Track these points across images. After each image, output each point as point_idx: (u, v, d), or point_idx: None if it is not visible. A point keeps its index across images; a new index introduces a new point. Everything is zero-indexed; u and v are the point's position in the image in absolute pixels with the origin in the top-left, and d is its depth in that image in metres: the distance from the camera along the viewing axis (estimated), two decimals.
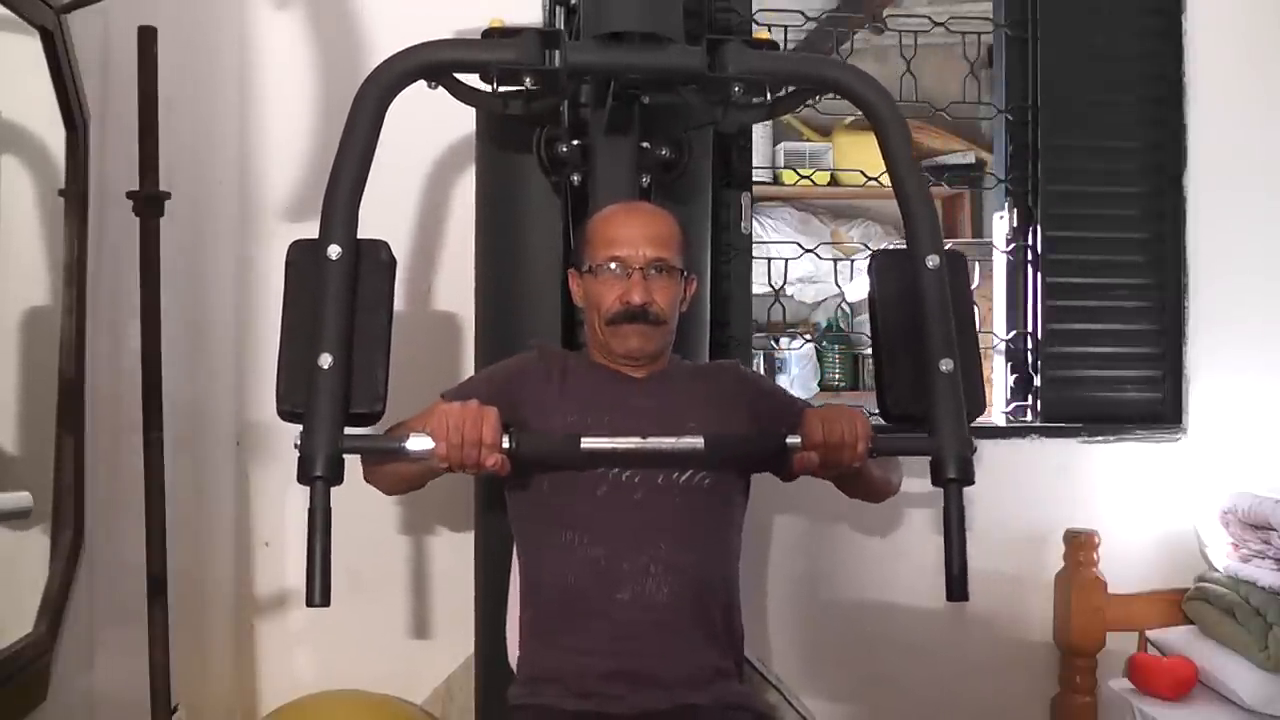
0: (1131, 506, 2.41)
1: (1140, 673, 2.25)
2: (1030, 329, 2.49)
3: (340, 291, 1.32)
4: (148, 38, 1.80)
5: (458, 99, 1.60)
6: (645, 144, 1.74)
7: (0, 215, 1.69)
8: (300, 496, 2.21)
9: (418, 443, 1.31)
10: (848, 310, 3.81)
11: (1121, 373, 2.45)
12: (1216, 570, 2.33)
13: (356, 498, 2.19)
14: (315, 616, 2.23)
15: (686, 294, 1.58)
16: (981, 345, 2.83)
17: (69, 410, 1.81)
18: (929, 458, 1.38)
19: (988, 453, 2.60)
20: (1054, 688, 2.37)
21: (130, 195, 1.82)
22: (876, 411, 1.54)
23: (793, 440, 1.38)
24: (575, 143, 1.75)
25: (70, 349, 1.80)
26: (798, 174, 3.18)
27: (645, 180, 1.75)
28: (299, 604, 2.22)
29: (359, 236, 1.36)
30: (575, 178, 1.75)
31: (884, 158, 1.43)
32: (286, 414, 1.36)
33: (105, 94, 1.97)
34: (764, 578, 2.33)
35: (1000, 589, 2.37)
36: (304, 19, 2.13)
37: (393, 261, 1.39)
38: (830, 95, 1.57)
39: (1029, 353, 2.52)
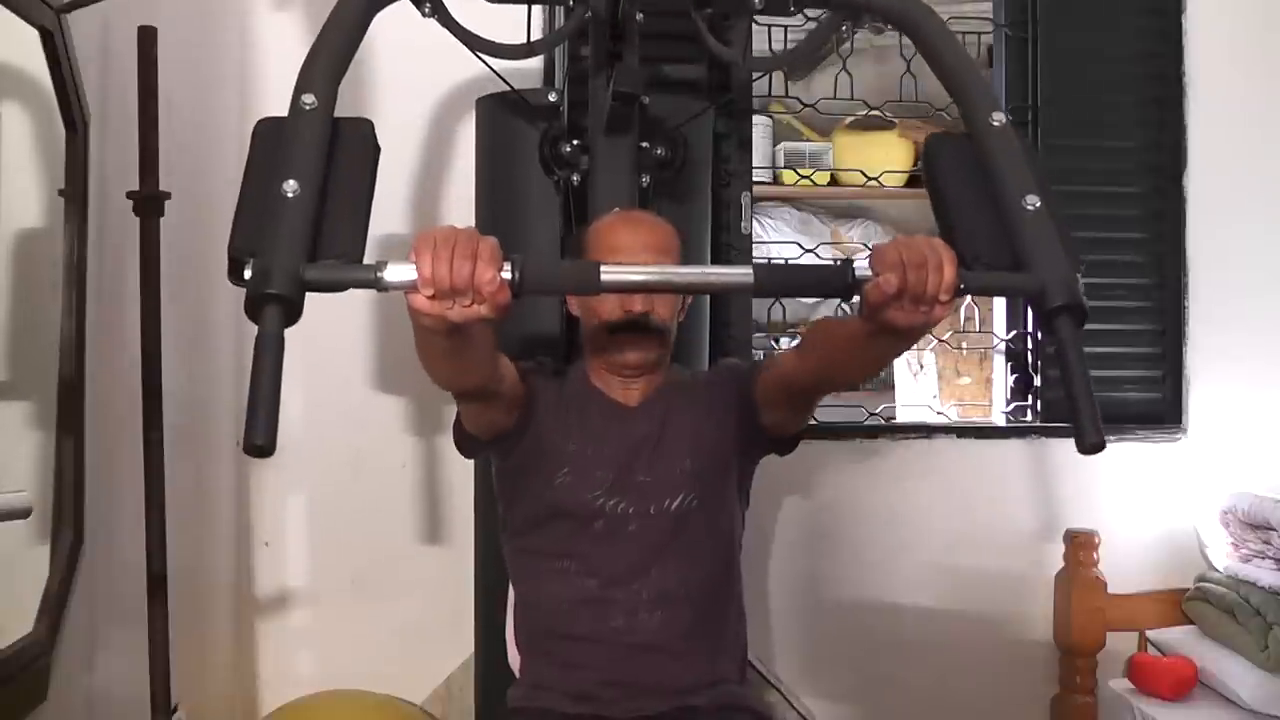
0: (1131, 506, 2.41)
1: (1140, 673, 2.25)
2: (1030, 329, 2.49)
3: (313, 138, 1.12)
4: (148, 38, 1.81)
5: (455, 36, 1.45)
6: (644, 144, 1.74)
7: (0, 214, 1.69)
8: (300, 496, 2.25)
9: (399, 270, 1.03)
10: (848, 311, 3.80)
11: (1121, 373, 2.45)
12: (1216, 570, 2.33)
13: (358, 497, 2.21)
14: (315, 616, 2.26)
15: (684, 304, 1.57)
16: (981, 345, 2.89)
17: (69, 410, 1.81)
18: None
19: (987, 452, 2.65)
20: (1054, 688, 2.37)
21: (130, 195, 1.82)
22: None
23: (861, 269, 1.10)
24: (575, 143, 1.75)
25: (70, 349, 1.80)
26: (798, 174, 3.16)
27: (645, 180, 1.75)
28: (299, 604, 2.23)
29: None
30: (575, 178, 1.75)
31: (927, 59, 1.29)
32: (238, 261, 1.08)
33: (105, 94, 1.97)
34: (765, 578, 2.33)
35: (1000, 589, 2.38)
36: (304, 19, 2.13)
37: (378, 144, 1.18)
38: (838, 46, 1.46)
39: (1029, 353, 2.52)
